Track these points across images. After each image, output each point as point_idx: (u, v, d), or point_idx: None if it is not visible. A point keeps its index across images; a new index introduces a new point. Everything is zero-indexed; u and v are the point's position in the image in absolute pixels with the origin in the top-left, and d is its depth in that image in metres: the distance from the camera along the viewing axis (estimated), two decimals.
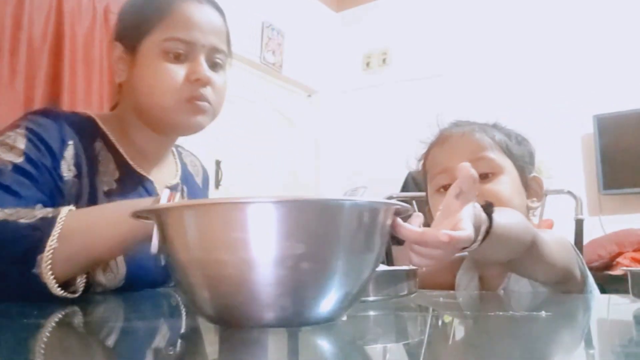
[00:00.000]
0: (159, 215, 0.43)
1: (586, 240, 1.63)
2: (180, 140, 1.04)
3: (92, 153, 0.85)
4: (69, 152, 0.81)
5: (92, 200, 0.81)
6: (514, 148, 0.93)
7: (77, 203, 0.79)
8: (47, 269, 0.62)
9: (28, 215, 0.66)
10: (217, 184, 3.10)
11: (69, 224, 0.65)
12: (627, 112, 3.02)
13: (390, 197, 1.67)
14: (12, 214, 0.66)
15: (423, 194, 1.01)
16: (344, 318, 0.45)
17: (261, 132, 3.61)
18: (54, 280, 0.63)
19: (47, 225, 0.64)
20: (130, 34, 0.89)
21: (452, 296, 0.72)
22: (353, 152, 4.01)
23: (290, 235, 0.38)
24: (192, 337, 0.46)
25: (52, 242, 0.63)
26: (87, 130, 0.87)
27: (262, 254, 0.38)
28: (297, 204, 0.39)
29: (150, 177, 0.92)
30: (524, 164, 0.93)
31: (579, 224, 1.28)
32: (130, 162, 0.90)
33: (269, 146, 3.64)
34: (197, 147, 1.44)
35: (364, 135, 4.04)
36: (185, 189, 0.99)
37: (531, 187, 0.93)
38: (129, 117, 0.92)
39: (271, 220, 0.38)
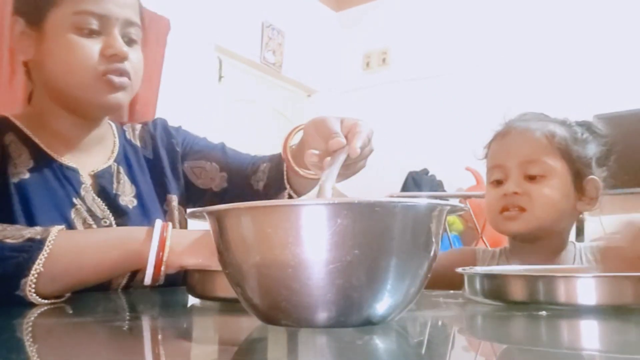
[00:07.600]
0: (216, 215, 0.44)
1: (587, 239, 1.63)
2: None
3: None
4: None
5: (1, 193, 0.79)
6: (574, 150, 0.93)
7: None
8: (31, 292, 0.61)
9: (15, 234, 0.64)
10: None
11: (57, 247, 0.64)
12: (627, 112, 3.02)
13: (391, 197, 1.68)
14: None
15: (423, 193, 1.02)
16: (397, 318, 0.45)
17: (261, 132, 3.61)
18: (39, 297, 0.62)
19: (34, 248, 0.63)
20: (32, 8, 0.83)
21: (453, 296, 0.72)
22: None
23: (345, 237, 0.39)
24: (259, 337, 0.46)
25: (37, 266, 0.62)
26: None
27: (316, 255, 0.39)
28: (351, 206, 0.39)
29: (74, 165, 0.87)
30: (581, 166, 0.94)
31: (580, 224, 1.29)
32: (47, 151, 0.86)
33: (269, 146, 3.64)
34: None
35: None
36: (122, 169, 0.93)
37: (586, 190, 0.95)
38: (44, 102, 0.87)
39: (325, 222, 0.39)
